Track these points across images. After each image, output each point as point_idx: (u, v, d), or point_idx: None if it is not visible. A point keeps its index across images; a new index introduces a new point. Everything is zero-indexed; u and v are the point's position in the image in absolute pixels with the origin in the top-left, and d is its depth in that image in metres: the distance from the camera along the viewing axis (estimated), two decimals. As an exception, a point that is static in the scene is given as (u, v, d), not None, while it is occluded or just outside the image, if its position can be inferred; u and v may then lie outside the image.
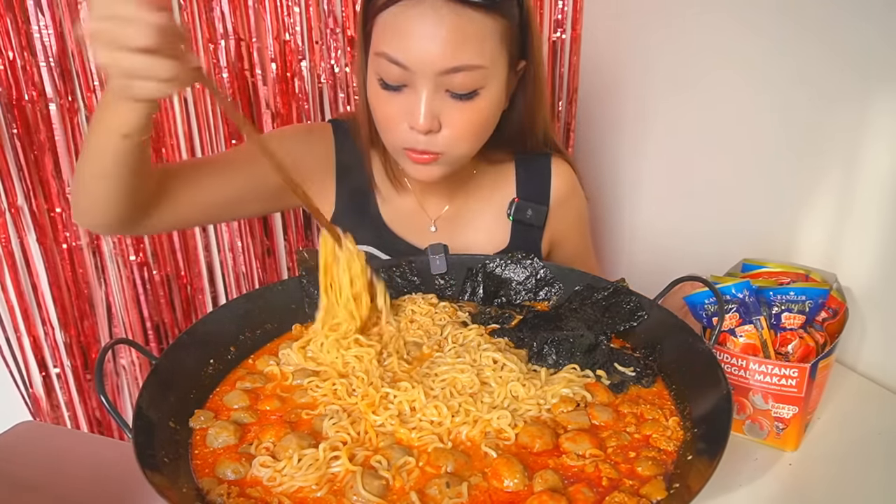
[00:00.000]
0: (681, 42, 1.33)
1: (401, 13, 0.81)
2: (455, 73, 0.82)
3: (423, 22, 0.80)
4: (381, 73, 0.85)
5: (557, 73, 1.69)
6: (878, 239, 0.97)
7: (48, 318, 1.47)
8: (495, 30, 0.83)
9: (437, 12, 0.79)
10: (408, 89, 0.85)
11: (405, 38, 0.81)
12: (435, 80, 0.82)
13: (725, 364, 0.81)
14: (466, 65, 0.82)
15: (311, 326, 0.86)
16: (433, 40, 0.80)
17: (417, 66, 0.81)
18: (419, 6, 0.80)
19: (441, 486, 0.59)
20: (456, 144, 0.88)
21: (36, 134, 1.33)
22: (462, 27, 0.80)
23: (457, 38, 0.80)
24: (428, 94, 0.83)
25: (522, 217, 1.06)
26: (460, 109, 0.85)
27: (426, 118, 0.84)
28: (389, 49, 0.82)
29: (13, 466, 0.96)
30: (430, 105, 0.84)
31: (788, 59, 1.08)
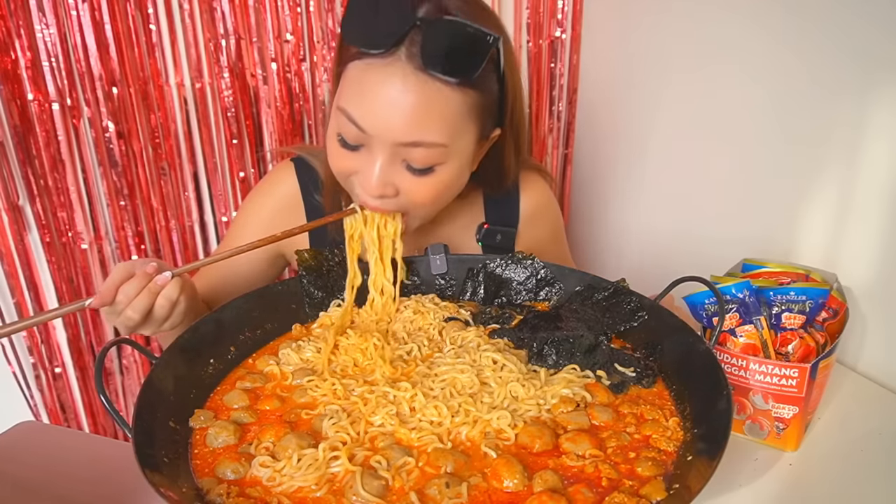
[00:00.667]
0: (681, 41, 1.33)
1: (369, 70, 0.77)
2: (413, 147, 0.79)
3: (389, 87, 0.75)
4: (340, 129, 0.81)
5: (557, 72, 1.70)
6: (878, 239, 0.97)
7: (49, 318, 1.47)
8: (465, 105, 0.79)
9: (404, 80, 0.75)
10: (364, 150, 0.81)
11: (367, 99, 0.77)
12: (392, 149, 0.79)
13: (725, 364, 0.81)
14: (426, 141, 0.78)
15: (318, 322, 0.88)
16: (394, 109, 0.76)
17: (375, 132, 0.78)
18: (388, 68, 0.75)
19: (441, 486, 0.59)
20: (412, 208, 0.87)
21: (38, 134, 1.33)
22: (427, 101, 0.76)
23: (419, 112, 0.76)
24: (383, 162, 0.80)
25: (491, 242, 1.05)
26: (416, 181, 0.82)
27: (378, 186, 0.81)
28: (350, 107, 0.79)
29: (13, 466, 0.96)
30: (384, 173, 0.81)
31: (789, 58, 1.08)
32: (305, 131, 1.54)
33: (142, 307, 0.77)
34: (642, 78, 1.48)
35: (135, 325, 0.79)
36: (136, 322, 0.78)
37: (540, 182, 1.09)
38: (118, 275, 0.77)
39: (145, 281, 0.77)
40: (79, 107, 1.35)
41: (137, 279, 0.77)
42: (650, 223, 1.54)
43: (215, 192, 1.53)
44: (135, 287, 0.77)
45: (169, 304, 0.79)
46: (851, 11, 0.96)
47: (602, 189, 1.68)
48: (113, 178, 1.42)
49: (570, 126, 1.77)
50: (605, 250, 1.72)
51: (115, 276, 0.77)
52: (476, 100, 0.80)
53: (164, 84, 1.40)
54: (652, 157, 1.49)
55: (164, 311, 0.79)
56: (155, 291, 0.78)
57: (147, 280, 0.77)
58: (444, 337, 0.85)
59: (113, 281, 0.77)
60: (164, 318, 0.80)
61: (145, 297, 0.77)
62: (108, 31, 1.31)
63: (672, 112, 1.40)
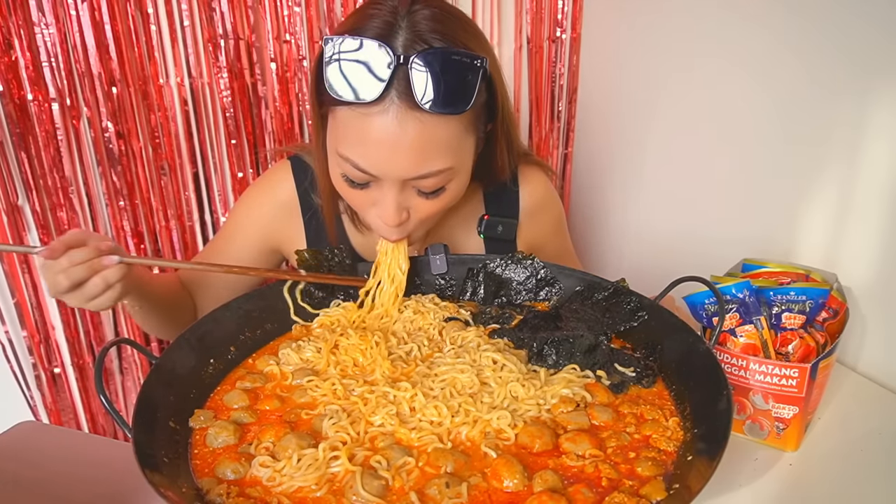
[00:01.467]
0: (681, 41, 1.33)
1: (361, 119, 0.75)
2: (422, 179, 0.80)
3: (386, 132, 0.75)
4: (345, 172, 0.82)
5: (557, 72, 1.69)
6: (879, 239, 0.97)
7: (48, 318, 1.47)
8: (462, 124, 0.79)
9: (401, 121, 0.74)
10: (374, 185, 0.82)
11: (369, 146, 0.77)
12: (401, 183, 0.80)
13: (726, 364, 0.81)
14: (434, 171, 0.79)
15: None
16: (398, 151, 0.76)
17: (382, 174, 0.78)
18: (383, 114, 0.74)
19: (441, 486, 0.59)
20: (425, 224, 0.90)
21: (38, 133, 1.33)
22: (428, 135, 0.76)
23: (423, 148, 0.76)
24: (395, 194, 0.81)
25: (493, 233, 1.05)
26: (429, 201, 0.84)
27: (395, 215, 0.82)
28: (352, 155, 0.78)
29: (13, 466, 0.96)
30: (397, 202, 0.82)
31: (790, 57, 1.08)
32: (305, 131, 1.54)
33: (75, 277, 0.77)
34: (642, 78, 1.48)
35: (61, 291, 0.78)
36: (64, 288, 0.77)
37: (540, 175, 1.09)
38: (72, 238, 0.78)
39: (93, 255, 0.77)
40: (78, 107, 1.35)
41: (87, 251, 0.77)
42: (650, 223, 1.54)
43: (215, 193, 1.53)
44: (80, 256, 0.76)
45: (104, 285, 0.79)
46: (851, 11, 0.96)
47: (602, 189, 1.68)
48: (112, 178, 1.42)
49: (570, 126, 1.77)
50: (605, 250, 1.72)
51: (69, 237, 0.78)
52: (470, 115, 0.80)
53: (164, 84, 1.40)
54: (652, 157, 1.49)
55: (97, 289, 0.79)
56: (95, 269, 0.78)
57: (95, 255, 0.77)
58: (444, 337, 0.85)
59: (65, 241, 0.77)
60: (93, 297, 0.79)
61: (83, 270, 0.77)
62: (107, 31, 1.31)
63: (672, 112, 1.40)
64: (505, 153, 0.95)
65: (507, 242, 1.06)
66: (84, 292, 0.79)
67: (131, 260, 0.81)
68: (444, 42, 0.75)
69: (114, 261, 0.78)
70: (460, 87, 0.75)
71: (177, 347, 0.76)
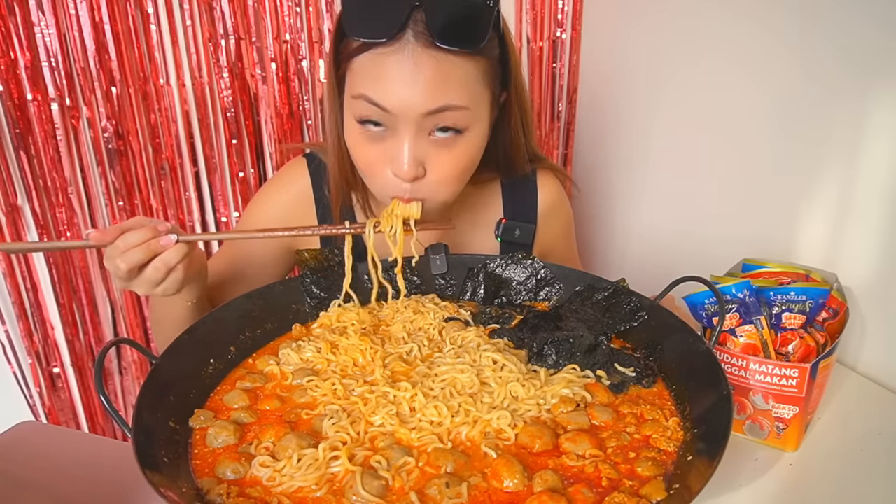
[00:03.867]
0: (681, 41, 1.33)
1: (377, 59, 0.77)
2: (439, 114, 0.79)
3: (403, 68, 0.76)
4: (361, 115, 0.81)
5: (557, 72, 1.70)
6: (879, 239, 0.97)
7: (48, 318, 1.47)
8: (477, 71, 0.81)
9: (416, 60, 0.76)
10: (389, 134, 0.82)
11: (385, 82, 0.78)
12: (418, 124, 0.80)
13: (726, 364, 0.81)
14: (450, 105, 0.79)
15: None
16: (414, 85, 0.77)
17: (399, 109, 0.78)
18: (397, 53, 0.76)
19: (441, 486, 0.59)
20: (440, 189, 0.86)
21: (37, 133, 1.33)
22: (444, 72, 0.77)
23: (438, 81, 0.77)
24: (411, 140, 0.81)
25: (511, 237, 1.05)
26: (445, 153, 0.83)
27: (410, 165, 0.81)
28: (369, 91, 0.79)
29: (13, 466, 0.96)
30: (413, 151, 0.81)
31: (790, 56, 1.08)
32: (305, 131, 1.54)
33: (133, 260, 0.74)
34: (642, 78, 1.48)
35: (123, 277, 0.76)
36: (124, 273, 0.75)
37: (553, 179, 1.10)
38: (129, 223, 0.76)
39: (149, 235, 0.75)
40: (78, 107, 1.35)
41: (142, 231, 0.75)
42: (649, 223, 1.54)
43: (215, 192, 1.53)
44: (136, 238, 0.74)
45: (165, 268, 0.77)
46: (851, 11, 0.96)
47: (601, 189, 1.68)
48: (112, 177, 1.42)
49: (570, 126, 1.77)
50: (605, 250, 1.72)
51: (126, 223, 0.76)
52: (485, 65, 0.82)
53: (164, 84, 1.40)
54: (651, 157, 1.49)
55: (159, 273, 0.77)
56: (154, 249, 0.75)
57: (151, 235, 0.75)
58: (444, 337, 0.85)
59: (120, 225, 0.75)
60: (157, 282, 0.78)
61: (141, 252, 0.75)
62: (107, 31, 1.31)
63: (672, 112, 1.40)
64: (520, 131, 0.96)
65: (523, 247, 1.07)
66: (146, 278, 0.77)
67: (190, 237, 0.78)
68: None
69: (171, 240, 0.76)
70: (473, 25, 0.77)
71: (176, 347, 0.76)
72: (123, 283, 0.78)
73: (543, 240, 1.11)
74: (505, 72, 0.86)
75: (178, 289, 0.80)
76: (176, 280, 0.79)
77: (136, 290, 0.79)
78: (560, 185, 1.12)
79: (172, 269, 0.78)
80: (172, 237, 0.76)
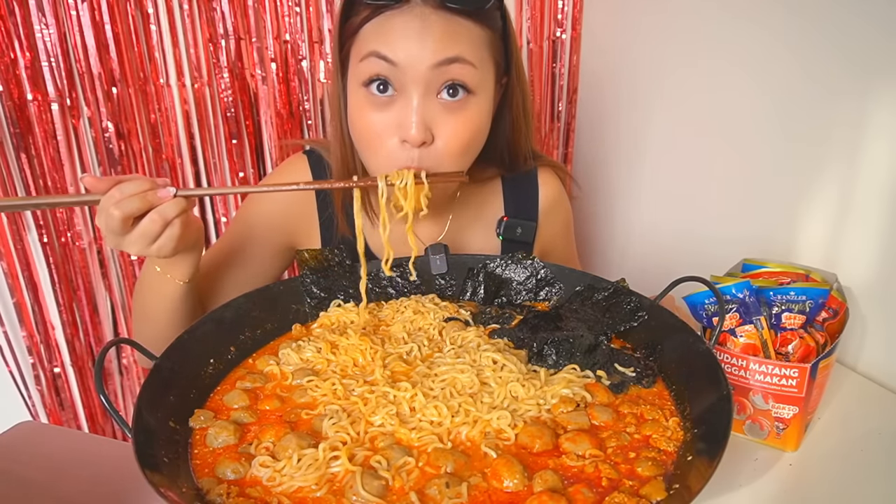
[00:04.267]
0: (681, 41, 1.33)
1: (385, 20, 0.80)
2: (448, 66, 0.80)
3: (410, 26, 0.79)
4: (370, 73, 0.81)
5: (557, 72, 1.70)
6: (878, 239, 0.97)
7: (48, 318, 1.47)
8: (482, 37, 0.83)
9: (424, 19, 0.79)
10: (397, 97, 0.82)
11: (393, 37, 0.80)
12: (427, 81, 0.80)
13: (725, 364, 0.81)
14: (459, 56, 0.80)
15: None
16: (423, 39, 0.79)
17: (408, 62, 0.79)
18: (404, 14, 0.79)
19: (441, 486, 0.59)
20: (446, 160, 0.85)
21: (37, 133, 1.33)
22: (451, 28, 0.80)
23: (446, 36, 0.80)
24: (419, 99, 0.81)
25: (512, 235, 1.06)
26: (452, 117, 0.83)
27: (419, 128, 0.80)
28: (378, 47, 0.80)
29: (13, 466, 0.96)
30: (422, 112, 0.81)
31: (790, 57, 1.08)
32: (305, 131, 1.54)
33: (129, 209, 0.71)
34: (642, 78, 1.48)
35: (117, 229, 0.72)
36: (118, 224, 0.71)
37: (553, 177, 1.11)
38: (126, 176, 0.73)
39: (146, 186, 0.72)
40: (78, 107, 1.35)
41: (139, 182, 0.72)
42: (649, 223, 1.54)
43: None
44: (132, 187, 0.71)
45: (162, 220, 0.73)
46: (851, 11, 0.96)
47: (601, 189, 1.68)
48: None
49: (570, 126, 1.77)
50: (605, 250, 1.72)
51: (123, 176, 0.73)
52: (490, 34, 0.84)
53: (164, 84, 1.40)
54: (651, 157, 1.49)
55: (155, 226, 0.73)
56: (151, 200, 0.72)
57: (148, 186, 0.72)
58: (444, 337, 0.85)
59: (117, 177, 0.72)
60: (153, 237, 0.74)
61: (137, 201, 0.71)
62: (107, 31, 1.31)
63: (672, 112, 1.40)
64: (521, 117, 0.96)
65: (524, 245, 1.07)
66: (141, 230, 0.73)
67: (189, 192, 0.75)
68: None
69: (170, 193, 0.73)
70: None
71: (176, 347, 0.76)
72: (116, 237, 0.73)
73: (544, 237, 1.11)
74: (507, 53, 0.88)
75: (173, 248, 0.76)
76: (172, 236, 0.75)
77: (128, 248, 0.74)
78: (559, 184, 1.12)
79: (169, 223, 0.74)
80: (171, 190, 0.73)
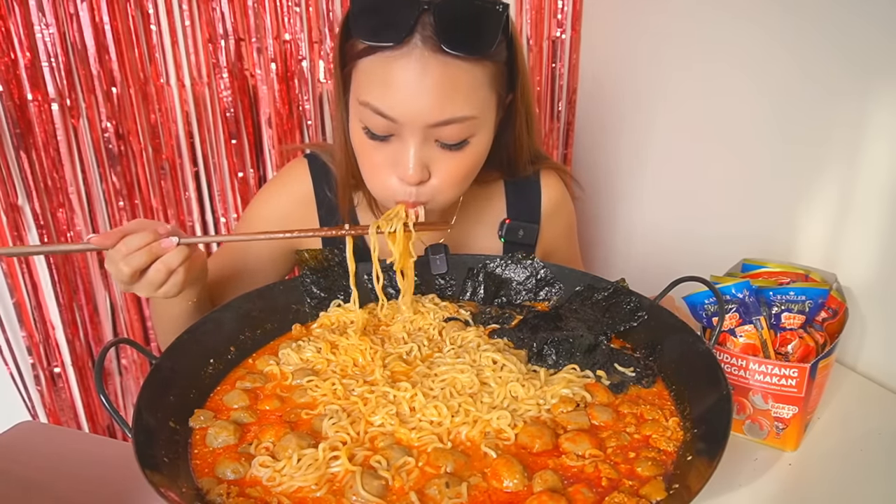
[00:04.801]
0: (681, 41, 1.33)
1: (384, 63, 0.76)
2: (445, 126, 0.79)
3: (409, 74, 0.75)
4: (366, 123, 0.81)
5: (557, 72, 1.70)
6: (878, 239, 0.97)
7: (48, 318, 1.47)
8: (485, 76, 0.80)
9: (424, 64, 0.75)
10: (395, 139, 0.81)
11: (390, 89, 0.77)
12: (424, 132, 0.79)
13: (725, 364, 0.81)
14: (457, 117, 0.79)
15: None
16: (420, 94, 0.76)
17: (404, 119, 0.78)
18: (406, 57, 0.75)
19: (441, 486, 0.59)
20: (444, 192, 0.86)
21: (37, 134, 1.33)
22: (451, 79, 0.76)
23: (445, 91, 0.76)
24: (416, 146, 0.80)
25: (514, 237, 1.05)
26: (450, 158, 0.83)
27: (416, 170, 0.81)
28: (373, 100, 0.78)
29: (13, 466, 0.96)
30: (419, 156, 0.81)
31: (789, 56, 1.08)
32: (305, 131, 1.54)
33: (136, 264, 0.75)
34: (642, 78, 1.48)
35: (126, 280, 0.76)
36: (127, 277, 0.75)
37: (556, 179, 1.10)
38: (130, 226, 0.76)
39: (151, 238, 0.75)
40: (78, 107, 1.35)
41: (143, 235, 0.75)
42: (649, 223, 1.54)
43: (215, 192, 1.53)
44: (137, 241, 0.74)
45: (166, 270, 0.76)
46: (850, 11, 0.96)
47: (601, 189, 1.68)
48: (112, 178, 1.42)
49: (570, 126, 1.77)
50: (605, 250, 1.72)
51: (128, 226, 0.76)
52: (492, 69, 0.81)
53: (164, 84, 1.40)
54: (651, 157, 1.49)
55: (160, 275, 0.76)
56: (156, 252, 0.75)
57: (153, 238, 0.75)
58: (444, 337, 0.85)
59: (122, 229, 0.75)
60: (159, 284, 0.78)
61: (143, 255, 0.75)
62: (107, 31, 1.31)
63: (672, 112, 1.40)
64: (524, 131, 0.95)
65: (526, 248, 1.06)
66: (149, 280, 0.76)
67: (191, 240, 0.78)
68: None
69: (173, 242, 0.76)
70: (482, 30, 0.77)
71: (176, 347, 0.76)
72: (126, 286, 0.78)
73: (547, 239, 1.10)
74: (512, 74, 0.86)
75: (178, 290, 0.80)
76: (177, 283, 0.79)
77: (138, 292, 0.79)
78: (562, 185, 1.11)
79: (174, 271, 0.78)
80: (174, 239, 0.76)
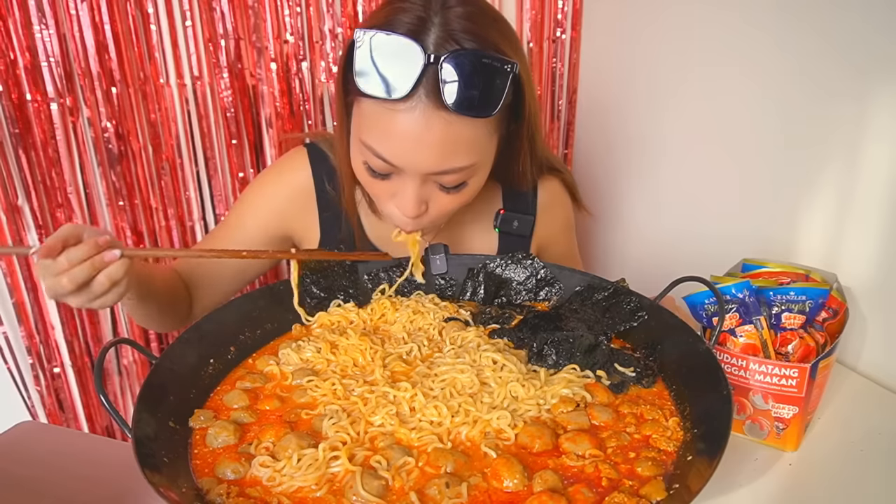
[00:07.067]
0: (680, 41, 1.33)
1: (387, 113, 0.75)
2: (444, 175, 0.80)
3: (412, 127, 0.75)
4: (367, 160, 0.81)
5: (558, 72, 1.69)
6: (878, 239, 0.97)
7: (48, 318, 1.47)
8: (489, 125, 0.79)
9: (427, 120, 0.74)
10: (395, 176, 0.82)
11: (391, 138, 0.77)
12: (424, 176, 0.80)
13: (725, 364, 0.81)
14: (456, 168, 0.79)
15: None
16: (422, 147, 0.76)
17: (405, 166, 0.79)
18: (410, 112, 0.74)
19: (441, 486, 0.59)
20: (441, 220, 0.89)
21: (36, 134, 1.33)
22: (454, 134, 0.76)
23: (447, 146, 0.76)
24: (416, 187, 0.81)
25: (509, 228, 1.05)
26: (449, 196, 0.84)
27: (415, 208, 0.83)
28: (375, 144, 0.78)
29: (12, 466, 0.96)
30: (418, 195, 0.82)
31: (789, 56, 1.08)
32: (305, 131, 1.53)
33: (80, 278, 0.72)
34: (642, 78, 1.48)
35: (64, 293, 0.73)
36: (67, 291, 0.72)
37: (553, 178, 1.10)
38: (67, 233, 0.72)
39: (93, 251, 0.72)
40: (78, 107, 1.35)
41: (85, 247, 0.72)
42: (649, 223, 1.54)
43: (215, 192, 1.53)
44: (80, 254, 0.71)
45: (109, 283, 0.74)
46: (851, 12, 0.96)
47: (601, 189, 1.68)
48: (112, 178, 1.42)
49: (570, 126, 1.77)
50: (605, 250, 1.72)
51: (64, 232, 0.72)
52: (497, 117, 0.79)
53: (164, 84, 1.40)
54: (651, 157, 1.49)
55: (102, 287, 0.74)
56: (98, 266, 0.73)
57: (95, 251, 0.72)
58: (444, 337, 0.85)
59: (60, 237, 0.72)
60: (99, 296, 0.75)
61: (87, 270, 0.72)
62: (107, 31, 1.31)
63: (672, 111, 1.40)
64: (527, 158, 0.94)
65: (521, 238, 1.07)
66: (90, 291, 0.74)
67: (133, 252, 0.77)
68: (476, 43, 0.74)
69: (116, 255, 0.74)
70: (488, 91, 0.75)
71: (176, 347, 0.76)
72: (62, 297, 0.74)
73: (542, 234, 1.10)
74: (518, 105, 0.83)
75: (115, 302, 0.78)
76: (117, 294, 0.77)
77: (71, 302, 0.75)
78: (560, 184, 1.11)
79: (116, 283, 0.75)
80: (116, 252, 0.74)
